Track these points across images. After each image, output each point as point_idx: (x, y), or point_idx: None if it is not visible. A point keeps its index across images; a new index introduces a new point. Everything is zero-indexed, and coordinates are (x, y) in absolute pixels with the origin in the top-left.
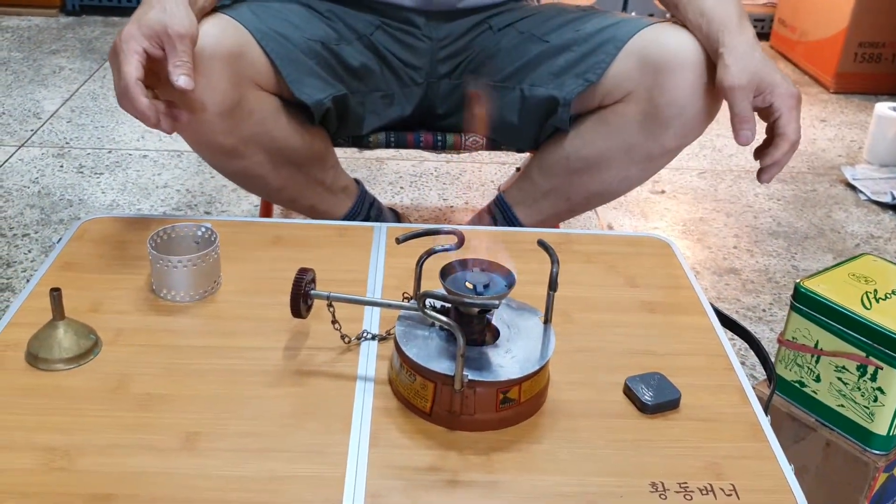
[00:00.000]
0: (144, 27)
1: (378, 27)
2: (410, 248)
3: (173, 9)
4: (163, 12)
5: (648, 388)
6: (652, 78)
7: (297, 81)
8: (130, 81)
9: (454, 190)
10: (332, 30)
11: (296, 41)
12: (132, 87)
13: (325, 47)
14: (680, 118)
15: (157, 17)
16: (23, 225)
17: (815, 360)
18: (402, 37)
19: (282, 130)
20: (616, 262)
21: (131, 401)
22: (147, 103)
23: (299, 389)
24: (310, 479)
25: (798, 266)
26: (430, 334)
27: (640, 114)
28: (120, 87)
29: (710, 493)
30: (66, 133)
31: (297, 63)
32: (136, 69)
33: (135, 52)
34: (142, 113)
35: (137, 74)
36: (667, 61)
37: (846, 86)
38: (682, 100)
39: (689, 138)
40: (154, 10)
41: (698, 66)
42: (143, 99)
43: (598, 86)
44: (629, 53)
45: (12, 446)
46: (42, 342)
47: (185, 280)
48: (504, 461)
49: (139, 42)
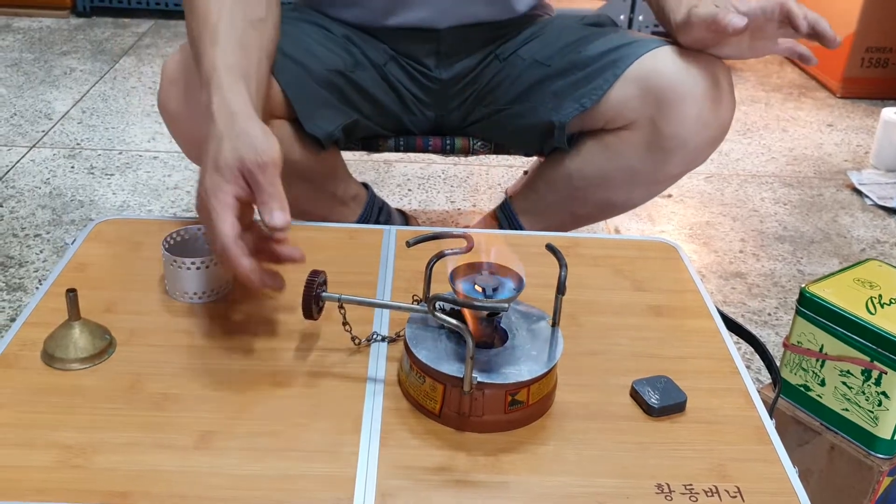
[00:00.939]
0: (225, 170)
1: (391, 59)
2: (419, 250)
3: (247, 132)
4: (237, 142)
5: (655, 391)
6: (654, 108)
7: (308, 116)
8: (229, 243)
9: (461, 192)
10: (348, 55)
11: (312, 71)
12: (231, 248)
13: (341, 75)
14: (684, 149)
15: (234, 151)
16: (34, 225)
17: (820, 364)
18: (413, 73)
19: (295, 153)
20: (623, 266)
21: (146, 400)
22: (249, 265)
23: (311, 390)
24: (321, 478)
25: (804, 270)
26: (440, 337)
27: (643, 142)
28: (218, 250)
29: (716, 495)
30: (77, 134)
31: (310, 95)
32: (231, 227)
33: (227, 206)
34: (245, 278)
35: (234, 233)
36: (669, 92)
37: (853, 91)
38: (686, 132)
39: (693, 165)
40: (226, 143)
41: (701, 98)
42: (244, 260)
43: (598, 111)
44: (629, 81)
45: (30, 444)
46: (58, 342)
47: (197, 281)
48: (512, 462)
49: (227, 192)
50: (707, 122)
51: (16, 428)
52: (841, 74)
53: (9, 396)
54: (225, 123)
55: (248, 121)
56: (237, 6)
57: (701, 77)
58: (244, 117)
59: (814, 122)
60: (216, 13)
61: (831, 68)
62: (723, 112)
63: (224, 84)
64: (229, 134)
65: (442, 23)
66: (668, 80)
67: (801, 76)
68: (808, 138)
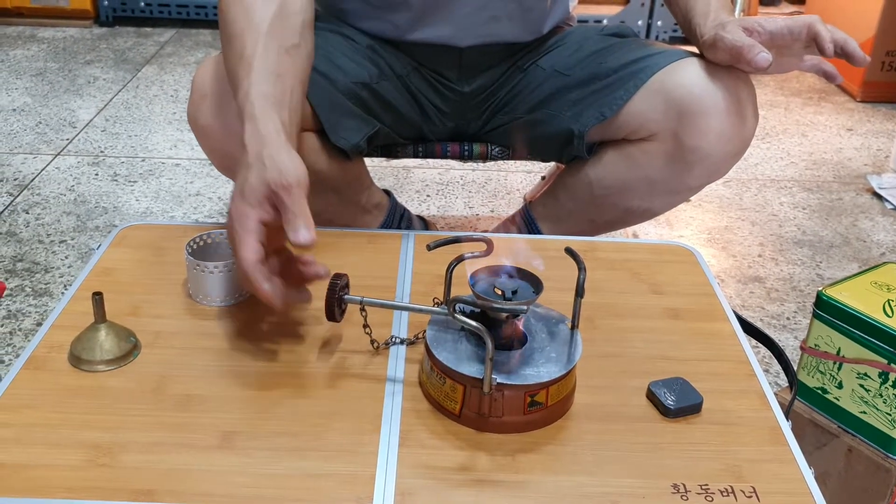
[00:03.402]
0: (251, 196)
1: (414, 69)
2: (437, 255)
3: (273, 159)
4: (263, 168)
5: (671, 393)
6: (676, 121)
7: (334, 127)
8: (249, 267)
9: (480, 198)
10: (373, 65)
11: (338, 83)
12: (252, 272)
13: (365, 87)
14: (706, 161)
15: (260, 177)
16: (59, 232)
17: (838, 367)
18: (435, 84)
19: (321, 164)
20: (640, 270)
21: (170, 401)
22: (269, 289)
23: (331, 391)
24: (342, 477)
25: (823, 275)
26: (460, 338)
27: (664, 154)
28: (240, 271)
29: (731, 495)
30: (100, 142)
31: (337, 107)
32: (253, 252)
33: (249, 231)
34: (266, 299)
35: (255, 258)
36: (693, 105)
37: (873, 95)
38: (708, 146)
39: (714, 178)
40: (253, 171)
41: (724, 112)
42: (265, 285)
43: (618, 121)
44: (653, 92)
45: (59, 443)
46: (84, 344)
47: (220, 285)
48: (530, 462)
49: (252, 217)
50: (730, 136)
51: (44, 428)
52: (861, 78)
53: (37, 398)
54: (255, 152)
55: (277, 148)
56: (272, 34)
57: (724, 91)
58: (274, 146)
59: (833, 127)
60: (252, 42)
61: (851, 72)
62: (745, 126)
63: (257, 113)
64: (257, 162)
65: (464, 41)
66: (690, 93)
67: (821, 81)
68: (827, 143)
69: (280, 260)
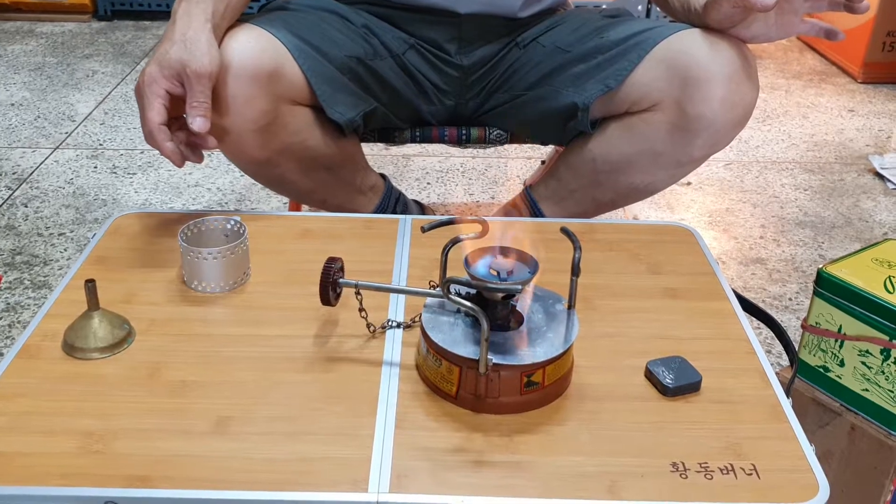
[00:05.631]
0: (165, 67)
1: (411, 46)
2: (435, 239)
3: (194, 44)
4: (183, 49)
5: (670, 372)
6: (680, 89)
7: (330, 100)
8: (154, 127)
9: (480, 185)
10: (367, 44)
11: (332, 58)
12: (155, 132)
13: (360, 62)
14: (709, 130)
15: (178, 55)
16: (58, 224)
17: (839, 344)
18: (433, 59)
19: (315, 140)
20: (639, 250)
21: (164, 387)
22: (171, 147)
23: (327, 375)
24: (338, 461)
25: (825, 255)
26: (456, 320)
27: (667, 123)
28: (144, 131)
29: (731, 473)
30: (99, 135)
31: (332, 81)
32: (157, 114)
33: (156, 95)
34: (167, 157)
35: (159, 119)
36: (696, 72)
37: (874, 75)
38: (712, 113)
39: (717, 148)
40: (175, 48)
41: (727, 79)
42: (168, 143)
43: (622, 92)
44: (656, 61)
45: (52, 431)
46: (78, 332)
47: (215, 271)
48: (528, 443)
49: (160, 84)
50: (733, 103)
51: (38, 416)
52: (862, 59)
53: (31, 386)
54: (180, 31)
55: (200, 31)
56: None
57: (727, 58)
58: (198, 31)
59: (834, 108)
60: None
61: (852, 53)
62: (748, 94)
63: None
64: (181, 38)
65: (464, 7)
66: (694, 61)
67: (822, 62)
68: (828, 124)
69: (180, 124)
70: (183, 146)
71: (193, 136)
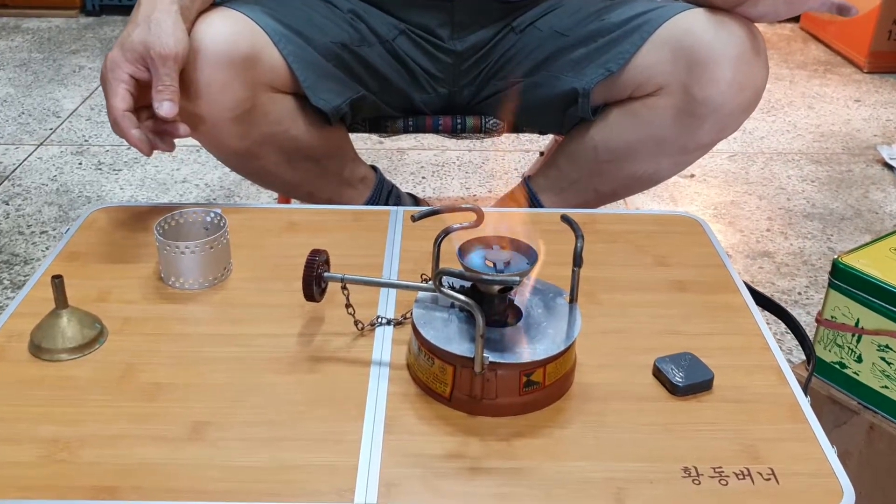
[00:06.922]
0: (128, 51)
1: (401, 32)
2: (427, 231)
3: (159, 25)
4: (147, 31)
5: (679, 369)
6: (686, 72)
7: (313, 87)
8: (118, 114)
9: (477, 178)
10: (354, 30)
11: (316, 43)
12: (119, 119)
13: (346, 48)
14: (717, 114)
15: (141, 37)
16: (40, 222)
17: (857, 339)
18: (425, 45)
19: (298, 129)
20: (643, 242)
21: (137, 390)
22: (137, 135)
23: (311, 376)
24: (322, 468)
25: (834, 248)
26: (450, 316)
27: (673, 108)
28: (110, 119)
29: (748, 478)
30: (85, 131)
31: (315, 66)
32: (122, 100)
33: (120, 80)
34: (134, 145)
35: (124, 106)
36: (703, 54)
37: (880, 65)
38: (720, 96)
39: (725, 133)
40: (138, 30)
41: (736, 59)
42: (133, 131)
43: (625, 76)
44: (660, 43)
45: (14, 439)
46: (45, 332)
47: (193, 266)
48: (528, 447)
49: (124, 69)
50: (742, 85)
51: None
52: (867, 49)
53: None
54: (145, 13)
55: (165, 12)
56: None
57: (735, 38)
58: (164, 13)
59: (840, 98)
60: None
61: (857, 43)
62: (758, 76)
63: None
64: (144, 20)
65: None
66: (701, 41)
67: (826, 52)
68: (835, 114)
69: (151, 112)
70: (152, 134)
71: (164, 123)
